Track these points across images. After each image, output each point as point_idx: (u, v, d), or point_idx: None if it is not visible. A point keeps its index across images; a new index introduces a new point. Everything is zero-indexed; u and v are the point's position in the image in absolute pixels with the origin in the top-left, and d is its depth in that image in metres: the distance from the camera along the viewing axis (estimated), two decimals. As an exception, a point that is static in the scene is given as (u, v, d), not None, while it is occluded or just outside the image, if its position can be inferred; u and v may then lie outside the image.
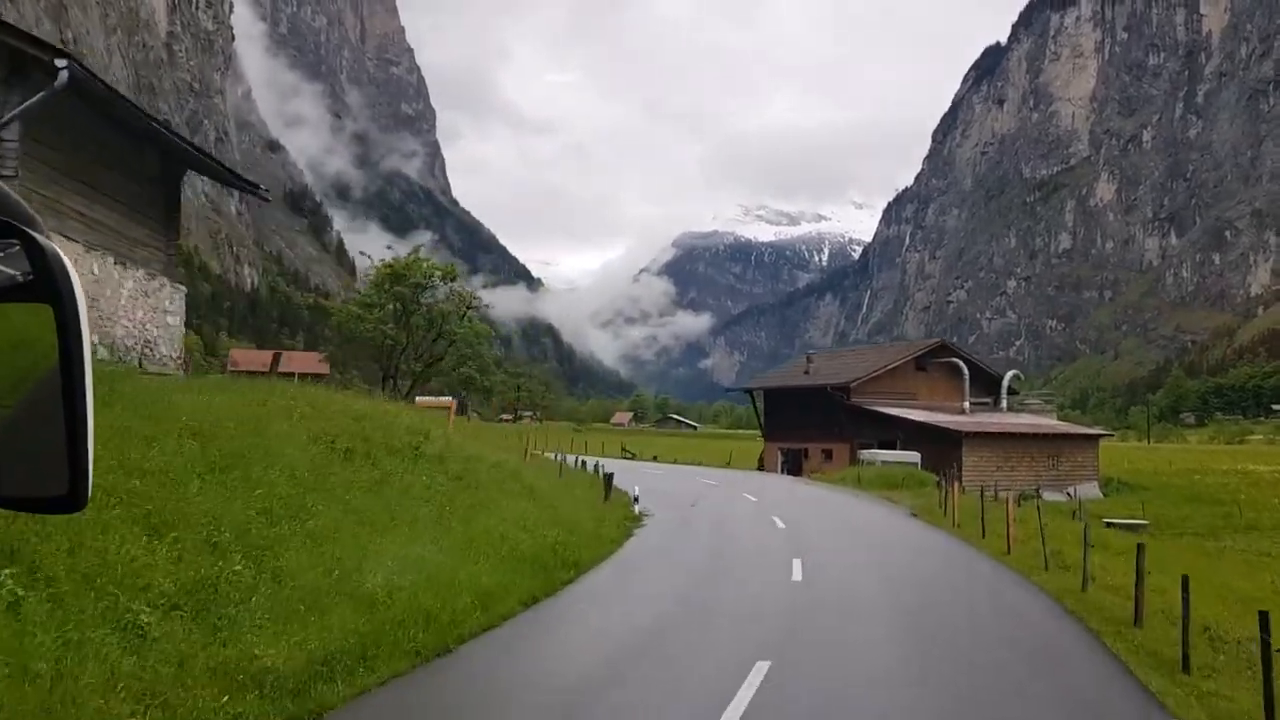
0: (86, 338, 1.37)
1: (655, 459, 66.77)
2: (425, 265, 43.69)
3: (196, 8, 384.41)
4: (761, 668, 10.69)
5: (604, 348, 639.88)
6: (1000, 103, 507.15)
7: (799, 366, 69.89)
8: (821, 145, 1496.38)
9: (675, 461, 65.88)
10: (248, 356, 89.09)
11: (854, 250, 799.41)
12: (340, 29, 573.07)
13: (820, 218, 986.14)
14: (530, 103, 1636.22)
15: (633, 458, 67.22)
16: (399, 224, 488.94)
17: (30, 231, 1.35)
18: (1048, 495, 61.02)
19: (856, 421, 61.77)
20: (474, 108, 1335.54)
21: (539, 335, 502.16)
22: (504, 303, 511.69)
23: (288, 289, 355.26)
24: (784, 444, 66.75)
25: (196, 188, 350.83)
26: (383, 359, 42.91)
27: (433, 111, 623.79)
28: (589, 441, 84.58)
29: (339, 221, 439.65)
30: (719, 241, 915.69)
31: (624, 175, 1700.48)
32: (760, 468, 68.57)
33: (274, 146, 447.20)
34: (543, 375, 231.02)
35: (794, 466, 65.49)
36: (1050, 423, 67.94)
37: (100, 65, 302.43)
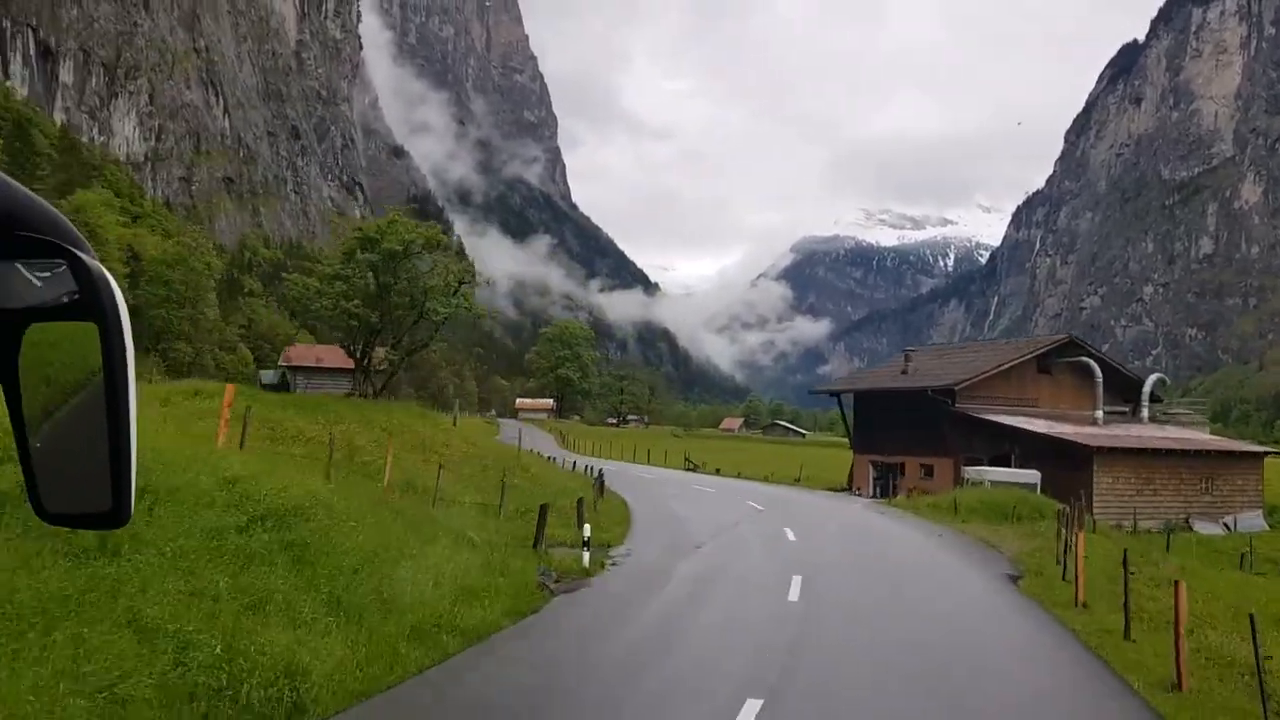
0: (131, 356, 1.38)
1: (718, 472, 56.44)
2: (404, 229, 34.67)
3: (325, 17, 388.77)
4: None
5: (720, 353, 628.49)
6: (1137, 102, 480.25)
7: (896, 365, 58.80)
8: (947, 147, 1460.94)
9: (739, 475, 55.46)
10: (300, 353, 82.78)
11: (981, 255, 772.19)
12: (466, 38, 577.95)
13: (946, 221, 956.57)
14: (649, 109, 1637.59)
15: (693, 469, 57.24)
16: (519, 228, 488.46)
17: (76, 252, 1.36)
18: (1200, 526, 49.14)
19: (963, 432, 50.84)
20: (594, 114, 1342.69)
21: (655, 340, 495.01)
22: (620, 307, 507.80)
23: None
24: (876, 456, 56.00)
25: (323, 193, 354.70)
26: (352, 344, 34.16)
27: (554, 118, 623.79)
28: (653, 449, 74.87)
29: (460, 226, 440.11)
30: (839, 246, 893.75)
31: (742, 180, 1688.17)
32: (849, 485, 57.92)
33: (399, 152, 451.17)
34: (649, 379, 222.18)
35: (888, 484, 54.79)
36: (1202, 437, 55.73)
37: (231, 72, 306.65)
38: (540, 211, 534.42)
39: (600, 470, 36.22)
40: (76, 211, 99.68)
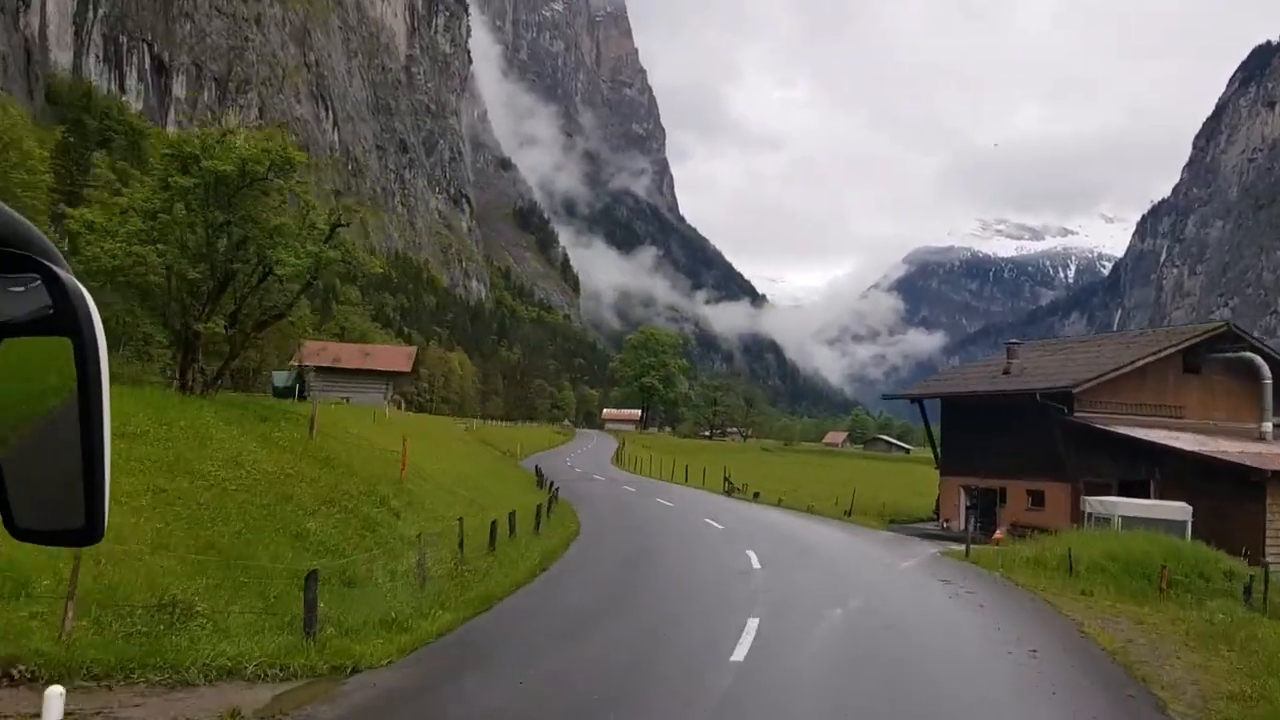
0: (105, 372, 1.37)
1: (756, 497, 43.47)
2: (242, 143, 23.39)
3: (435, 32, 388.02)
4: None
5: (830, 366, 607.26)
6: (1270, 105, 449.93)
7: (995, 364, 45.68)
8: (1068, 155, 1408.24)
9: (780, 503, 42.11)
10: (316, 350, 72.53)
11: (1103, 266, 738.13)
12: (576, 53, 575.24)
13: (1066, 232, 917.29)
14: (759, 120, 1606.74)
15: (729, 493, 44.72)
16: (624, 240, 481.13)
17: (51, 266, 1.34)
18: None
19: (1083, 449, 37.91)
20: (703, 126, 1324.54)
21: (761, 351, 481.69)
22: (726, 318, 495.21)
23: (513, 302, 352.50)
24: (970, 479, 43.16)
25: (430, 205, 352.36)
26: (171, 315, 23.16)
27: (662, 130, 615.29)
28: (717, 467, 62.77)
29: (565, 237, 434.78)
30: (954, 257, 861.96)
31: (854, 191, 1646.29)
32: (936, 515, 45.22)
33: (505, 165, 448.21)
34: (747, 390, 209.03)
35: (986, 515, 42.00)
36: None
37: (341, 86, 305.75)
38: (646, 223, 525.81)
39: (552, 492, 24.76)
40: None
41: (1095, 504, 33.62)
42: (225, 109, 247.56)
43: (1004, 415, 41.23)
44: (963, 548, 25.56)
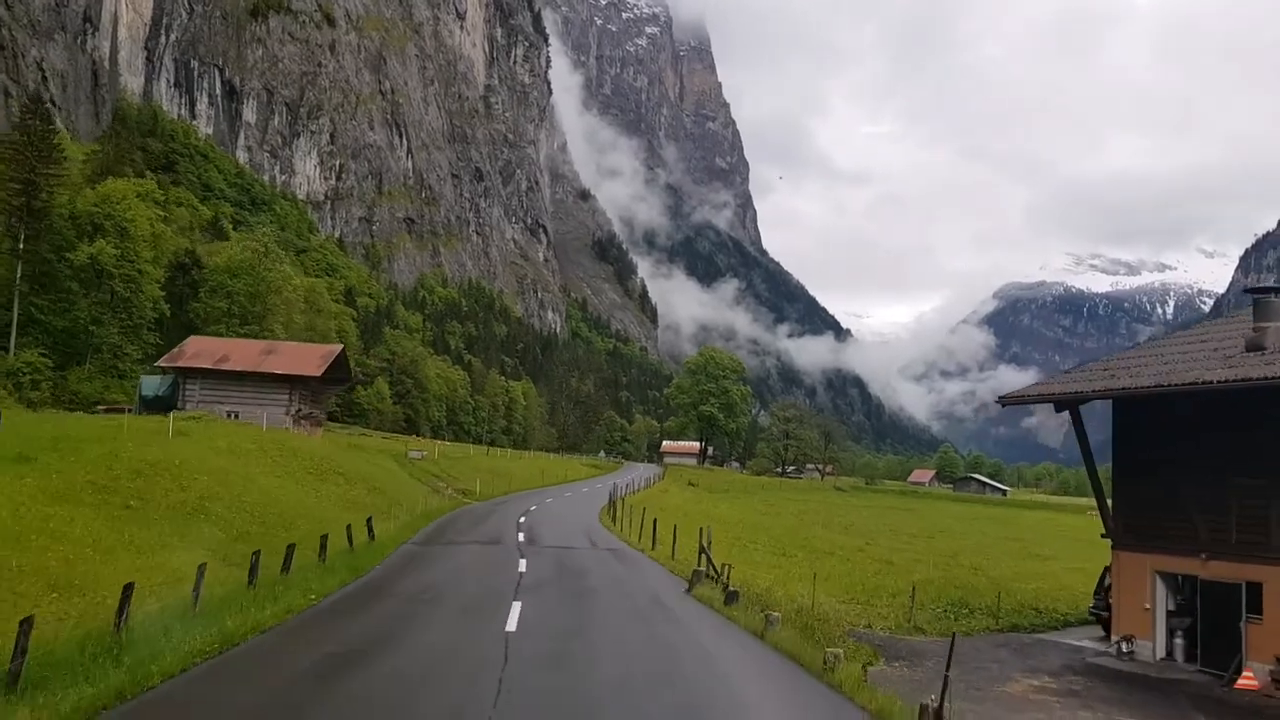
0: None
1: (729, 599, 21.30)
2: None
3: (514, 62, 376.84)
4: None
5: (915, 402, 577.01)
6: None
7: (1220, 335, 23.49)
8: (1166, 189, 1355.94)
9: (763, 628, 19.96)
10: (200, 348, 53.02)
11: (1204, 302, 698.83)
12: (660, 87, 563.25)
13: (1164, 267, 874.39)
14: (845, 154, 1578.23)
15: (692, 585, 23.09)
16: (705, 272, 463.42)
17: None
18: None
19: None
20: (787, 160, 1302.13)
21: (845, 387, 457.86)
22: (809, 353, 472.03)
23: (589, 333, 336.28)
24: (1175, 559, 21.63)
25: (505, 234, 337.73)
26: None
27: (746, 164, 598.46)
28: (746, 521, 41.97)
29: (644, 268, 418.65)
30: (1046, 292, 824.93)
31: (943, 225, 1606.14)
32: (1095, 613, 23.90)
33: (585, 196, 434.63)
34: (825, 424, 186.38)
35: (1216, 632, 20.64)
36: None
37: (416, 114, 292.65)
38: (728, 256, 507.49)
39: None
40: (102, 201, 76.37)
41: None
42: (296, 135, 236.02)
43: (1255, 433, 19.82)
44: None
